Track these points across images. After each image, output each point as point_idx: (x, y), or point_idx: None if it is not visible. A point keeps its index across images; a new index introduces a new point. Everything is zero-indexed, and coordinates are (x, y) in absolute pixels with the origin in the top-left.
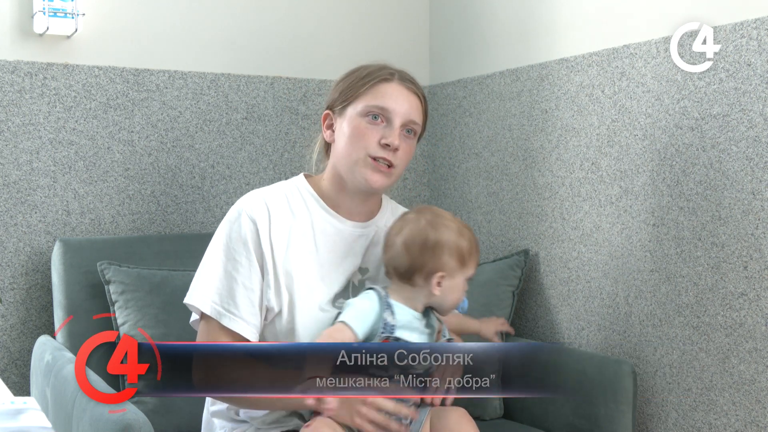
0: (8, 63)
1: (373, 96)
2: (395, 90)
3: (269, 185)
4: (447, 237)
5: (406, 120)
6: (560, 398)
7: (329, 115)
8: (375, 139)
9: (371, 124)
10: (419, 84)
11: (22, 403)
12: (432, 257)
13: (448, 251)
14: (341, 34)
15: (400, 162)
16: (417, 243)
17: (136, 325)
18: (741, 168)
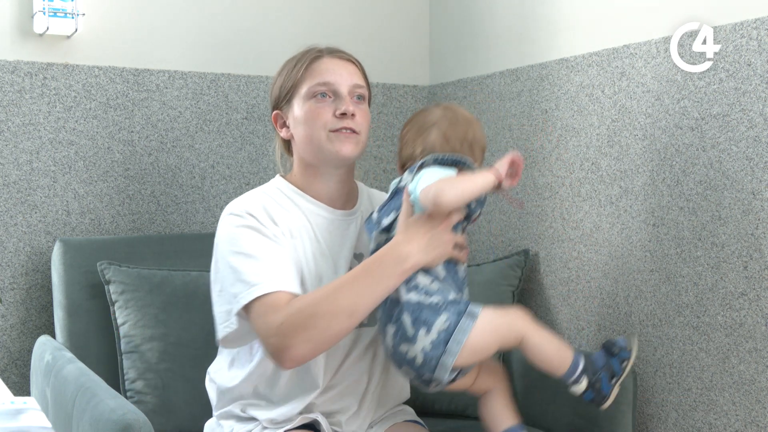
0: (8, 63)
1: (311, 77)
2: (329, 63)
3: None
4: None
5: (350, 86)
6: (560, 398)
7: (278, 114)
8: (329, 113)
9: (320, 102)
10: (348, 52)
11: (22, 403)
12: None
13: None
14: (341, 34)
15: (362, 127)
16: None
17: (136, 325)
18: (741, 168)
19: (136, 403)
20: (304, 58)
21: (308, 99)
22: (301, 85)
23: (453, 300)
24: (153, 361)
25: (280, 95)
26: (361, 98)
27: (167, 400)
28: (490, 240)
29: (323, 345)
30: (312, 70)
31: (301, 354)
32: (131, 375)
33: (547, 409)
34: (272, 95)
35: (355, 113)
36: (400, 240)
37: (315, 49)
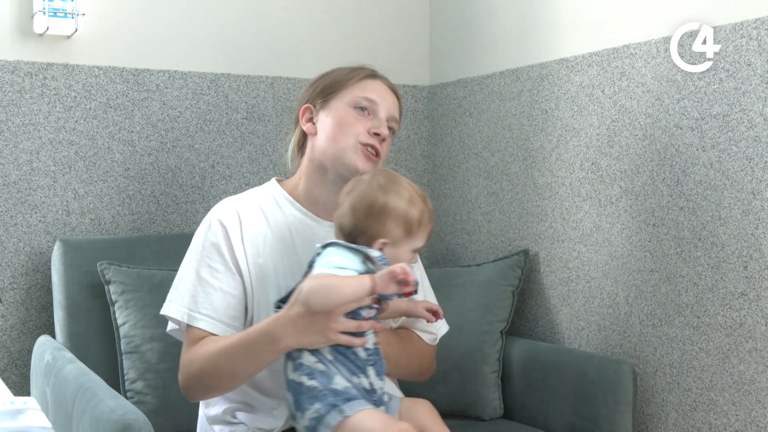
0: (8, 63)
1: (361, 89)
2: (380, 86)
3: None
4: (395, 203)
5: (389, 115)
6: (560, 398)
7: (309, 108)
8: (364, 127)
9: (359, 115)
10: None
11: (22, 403)
12: (376, 222)
13: (394, 218)
14: (341, 34)
15: (384, 154)
16: (364, 205)
17: (136, 325)
18: (741, 168)
19: (136, 403)
20: (361, 71)
21: (349, 106)
22: (348, 91)
23: (334, 389)
24: (153, 362)
25: (321, 92)
26: (390, 130)
27: (167, 400)
28: (490, 240)
29: (217, 394)
30: (364, 84)
31: (200, 397)
32: (131, 375)
33: (547, 409)
34: (308, 91)
35: (386, 139)
36: (280, 318)
37: (371, 69)
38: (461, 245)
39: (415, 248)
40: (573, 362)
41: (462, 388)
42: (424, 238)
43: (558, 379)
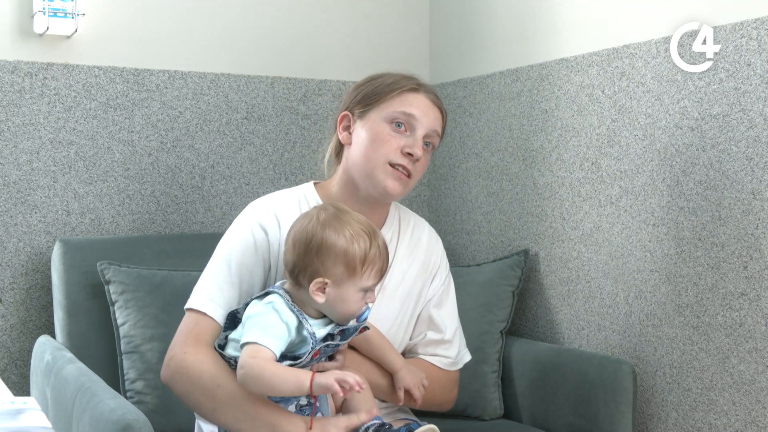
0: (8, 63)
1: (400, 103)
2: (422, 101)
3: (275, 192)
4: (334, 240)
5: (429, 131)
6: (560, 398)
7: (347, 116)
8: (397, 146)
9: (394, 131)
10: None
11: (22, 403)
12: (315, 259)
13: (334, 256)
14: (341, 34)
15: (417, 174)
16: (303, 240)
17: (136, 325)
18: (741, 168)
19: (136, 403)
20: (402, 83)
21: (386, 121)
22: (386, 104)
23: None
24: (153, 362)
25: (360, 101)
26: (429, 145)
27: (167, 400)
28: (490, 240)
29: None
30: (404, 98)
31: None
32: (131, 375)
33: (547, 409)
34: (349, 97)
35: (419, 159)
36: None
37: (415, 81)
38: (461, 245)
39: (365, 288)
40: (573, 362)
41: (462, 388)
42: (374, 276)
43: (558, 379)
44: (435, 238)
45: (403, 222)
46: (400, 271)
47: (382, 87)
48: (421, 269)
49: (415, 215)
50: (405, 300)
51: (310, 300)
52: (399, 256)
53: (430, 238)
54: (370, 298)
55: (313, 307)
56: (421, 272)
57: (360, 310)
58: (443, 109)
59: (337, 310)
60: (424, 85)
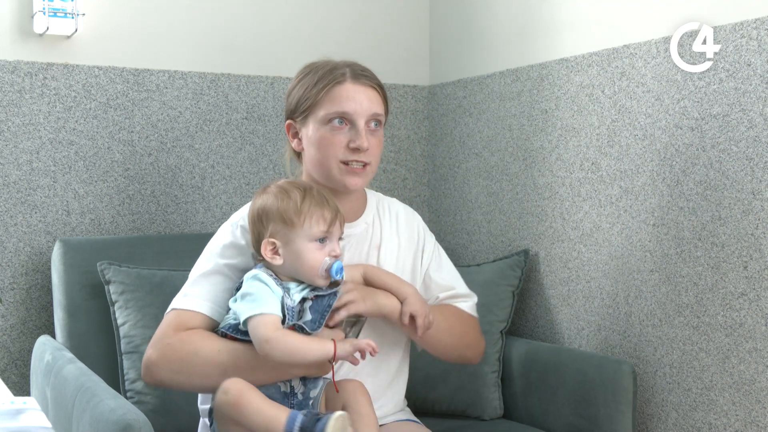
0: (8, 63)
1: (330, 102)
2: (351, 90)
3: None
4: (268, 202)
5: (369, 116)
6: (560, 398)
7: (292, 124)
8: (343, 144)
9: (336, 129)
10: (371, 72)
11: (22, 403)
12: (260, 226)
13: (269, 216)
14: (341, 34)
15: (373, 158)
16: (250, 217)
17: (136, 325)
18: (741, 168)
19: (136, 403)
20: (326, 79)
21: (324, 124)
22: (318, 107)
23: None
24: None
25: (296, 108)
26: (378, 124)
27: (167, 400)
28: (490, 240)
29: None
30: (332, 95)
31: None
32: (131, 375)
33: (547, 409)
34: (288, 104)
35: (369, 146)
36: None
37: (338, 71)
38: (461, 245)
39: (313, 237)
40: (573, 362)
41: (462, 388)
42: (319, 224)
43: (558, 379)
44: (410, 212)
45: (380, 206)
46: (390, 251)
47: (309, 90)
48: (408, 244)
49: (388, 198)
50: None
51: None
52: (385, 236)
53: (406, 213)
54: (332, 251)
55: (286, 275)
56: (409, 246)
57: (324, 264)
58: (377, 85)
59: (299, 268)
60: (351, 68)
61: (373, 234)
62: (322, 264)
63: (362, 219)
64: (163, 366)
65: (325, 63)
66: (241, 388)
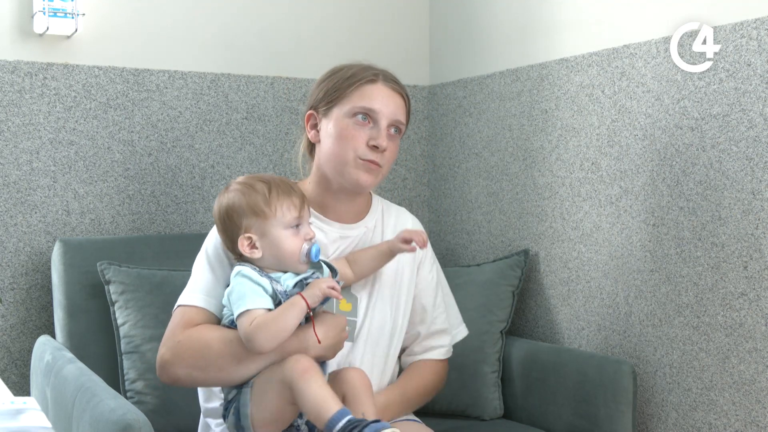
0: (8, 63)
1: (359, 97)
2: (381, 91)
3: None
4: (228, 200)
5: (392, 121)
6: (560, 398)
7: (313, 115)
8: (363, 140)
9: (358, 125)
10: (402, 83)
11: (22, 403)
12: (232, 225)
13: (242, 213)
14: (341, 34)
15: (387, 162)
16: (217, 218)
17: (136, 325)
18: (741, 168)
19: (136, 403)
20: (360, 76)
21: (348, 117)
22: (346, 100)
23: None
24: (153, 362)
25: (322, 98)
26: (397, 131)
27: (167, 400)
28: (490, 240)
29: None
30: (362, 91)
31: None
32: (131, 375)
33: (547, 409)
34: (313, 95)
35: (387, 148)
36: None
37: (373, 71)
38: (461, 245)
39: (287, 224)
40: (573, 362)
41: (462, 388)
42: (291, 210)
43: (558, 379)
44: (418, 224)
45: (385, 212)
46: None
47: (341, 82)
48: (409, 255)
49: (396, 206)
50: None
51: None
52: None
53: (414, 225)
54: (306, 234)
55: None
56: (409, 257)
57: (303, 249)
58: (405, 95)
59: (280, 257)
60: (383, 73)
61: (372, 239)
62: (301, 250)
63: (363, 222)
64: (178, 363)
65: (359, 63)
66: (312, 364)
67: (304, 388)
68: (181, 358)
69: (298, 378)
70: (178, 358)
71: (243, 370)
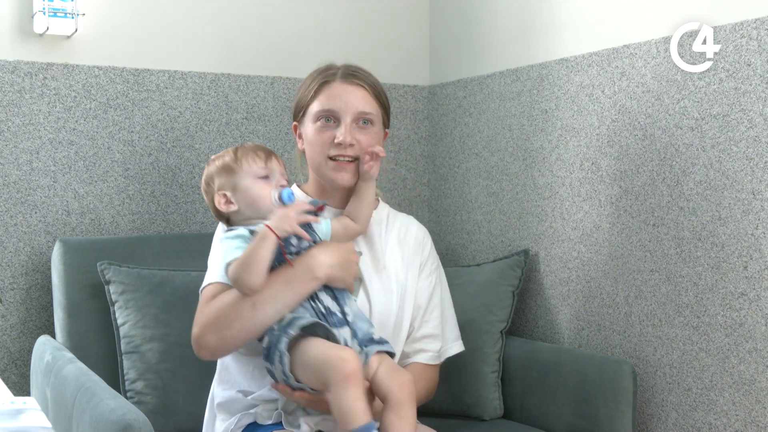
0: (8, 63)
1: (318, 101)
2: (337, 89)
3: None
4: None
5: (354, 114)
6: (560, 398)
7: (296, 126)
8: (328, 140)
9: (324, 127)
10: (366, 73)
11: (22, 403)
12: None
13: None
14: (341, 34)
15: (363, 153)
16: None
17: (136, 325)
18: (741, 168)
19: (136, 403)
20: (318, 79)
21: (314, 121)
22: (310, 105)
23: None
24: (153, 362)
25: (296, 109)
26: (367, 122)
27: (167, 400)
28: (490, 240)
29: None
30: (321, 93)
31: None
32: (131, 375)
33: (547, 409)
34: (293, 106)
35: (355, 140)
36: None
37: (330, 71)
38: (461, 245)
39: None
40: (573, 362)
41: (462, 388)
42: (257, 160)
43: (558, 379)
44: (424, 232)
45: (390, 216)
46: (392, 257)
47: (303, 91)
48: (411, 254)
49: (403, 215)
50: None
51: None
52: (389, 244)
53: (418, 232)
54: (278, 181)
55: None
56: (412, 257)
57: (273, 193)
58: (367, 84)
59: (253, 205)
60: (342, 69)
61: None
62: (271, 194)
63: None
64: (207, 332)
65: (324, 65)
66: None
67: (341, 395)
68: (207, 326)
69: (338, 382)
70: (205, 328)
71: (260, 313)
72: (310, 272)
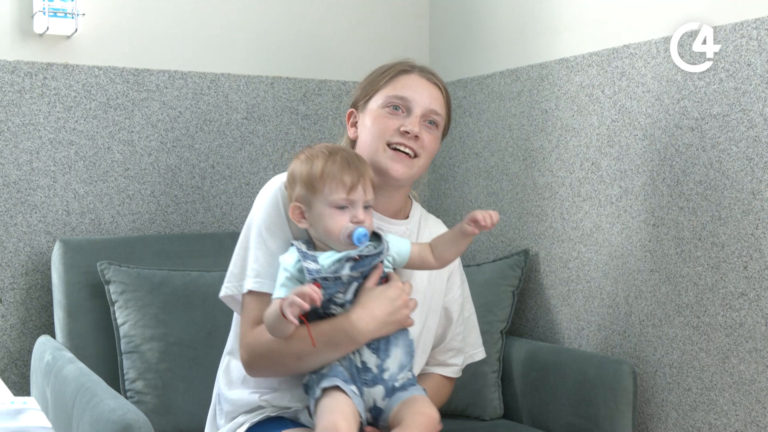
0: (8, 63)
1: (392, 87)
2: (414, 81)
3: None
4: (293, 167)
5: (426, 109)
6: (560, 398)
7: (353, 112)
8: (394, 126)
9: (391, 114)
10: (441, 78)
11: (22, 403)
12: (291, 191)
13: (298, 181)
14: (341, 34)
15: (424, 153)
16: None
17: (136, 325)
18: (741, 168)
19: (136, 403)
20: (394, 68)
21: (382, 107)
22: (381, 92)
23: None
24: (153, 361)
25: (360, 95)
26: (433, 123)
27: (167, 400)
28: (490, 240)
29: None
30: (396, 82)
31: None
32: (131, 375)
33: (547, 409)
34: (354, 93)
35: (420, 135)
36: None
37: (408, 63)
38: None
39: (333, 204)
40: (573, 362)
41: (462, 388)
42: (339, 190)
43: (558, 379)
44: None
45: (423, 220)
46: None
47: (376, 76)
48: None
49: (433, 218)
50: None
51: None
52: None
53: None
54: (355, 217)
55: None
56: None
57: (344, 229)
58: (442, 87)
59: (322, 232)
60: (420, 65)
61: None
62: (342, 229)
63: (405, 222)
64: (256, 366)
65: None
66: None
67: None
68: (255, 361)
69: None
70: (254, 364)
71: (305, 365)
72: (352, 341)
